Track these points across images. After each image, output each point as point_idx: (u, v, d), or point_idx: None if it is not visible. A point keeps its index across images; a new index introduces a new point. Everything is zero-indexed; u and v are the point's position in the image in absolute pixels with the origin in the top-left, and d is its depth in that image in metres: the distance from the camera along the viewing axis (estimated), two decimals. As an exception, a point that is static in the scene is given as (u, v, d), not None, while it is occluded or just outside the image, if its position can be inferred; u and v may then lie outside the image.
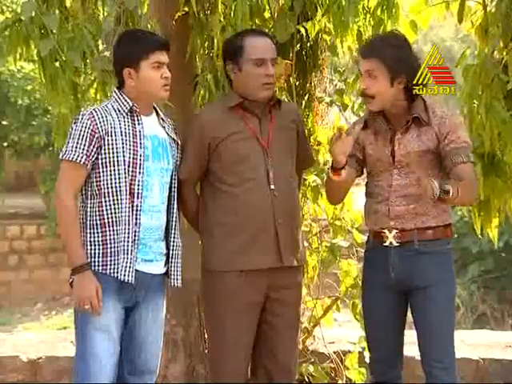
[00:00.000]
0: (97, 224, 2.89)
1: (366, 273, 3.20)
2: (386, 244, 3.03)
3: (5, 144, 12.14)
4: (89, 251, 2.89)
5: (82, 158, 2.86)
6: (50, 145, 11.10)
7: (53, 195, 11.34)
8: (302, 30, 3.70)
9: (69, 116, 3.71)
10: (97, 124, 2.88)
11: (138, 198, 2.89)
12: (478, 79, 3.45)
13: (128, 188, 2.88)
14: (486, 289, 10.48)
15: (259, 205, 3.04)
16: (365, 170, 3.20)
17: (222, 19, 3.53)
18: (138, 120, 2.95)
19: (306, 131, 4.08)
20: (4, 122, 11.90)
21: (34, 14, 3.45)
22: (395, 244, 3.02)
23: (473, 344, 4.67)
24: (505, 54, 3.46)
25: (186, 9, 3.63)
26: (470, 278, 10.52)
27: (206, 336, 4.05)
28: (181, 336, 3.92)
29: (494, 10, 3.48)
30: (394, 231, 3.01)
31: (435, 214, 3.01)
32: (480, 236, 3.74)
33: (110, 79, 3.65)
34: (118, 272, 2.86)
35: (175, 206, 3.06)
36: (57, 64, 3.53)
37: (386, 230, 3.04)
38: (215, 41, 3.62)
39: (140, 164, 2.90)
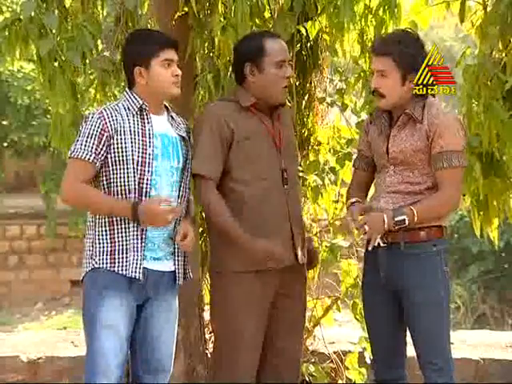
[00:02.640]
0: (105, 222, 2.91)
1: (364, 272, 3.22)
2: (375, 244, 3.03)
3: (5, 144, 12.13)
4: (98, 249, 2.91)
5: (90, 156, 2.88)
6: (50, 145, 11.08)
7: (53, 195, 11.36)
8: (302, 30, 3.71)
9: (66, 116, 3.71)
10: (106, 123, 2.89)
11: (146, 196, 2.90)
12: (477, 79, 3.45)
13: (137, 187, 2.90)
14: (486, 289, 10.47)
15: (276, 205, 3.06)
16: None
17: (222, 19, 3.53)
18: (147, 119, 2.97)
19: (306, 131, 4.10)
20: (4, 122, 11.88)
21: (33, 14, 3.45)
22: (382, 245, 3.02)
23: (473, 344, 4.67)
24: (504, 54, 3.46)
25: (186, 9, 3.63)
26: (471, 279, 10.51)
27: (205, 336, 4.06)
28: (181, 336, 3.91)
29: (493, 10, 3.48)
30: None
31: None
32: (479, 237, 3.74)
33: (110, 79, 3.65)
34: (126, 269, 2.88)
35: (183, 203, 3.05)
36: (56, 64, 3.53)
37: None
38: (215, 41, 3.63)
39: (149, 163, 2.91)
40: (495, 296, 10.44)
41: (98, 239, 2.92)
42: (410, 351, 3.10)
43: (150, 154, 2.92)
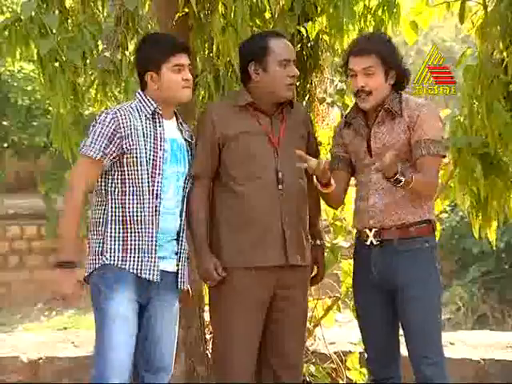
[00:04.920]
0: (119, 220, 2.93)
1: (355, 273, 3.24)
2: (368, 243, 3.07)
3: (5, 144, 12.13)
4: (109, 246, 2.93)
5: (98, 154, 2.90)
6: (50, 145, 11.09)
7: (53, 195, 11.36)
8: (303, 31, 3.71)
9: (67, 116, 3.71)
10: (120, 124, 2.92)
11: (156, 198, 2.94)
12: (478, 80, 3.45)
13: (150, 188, 2.93)
14: (487, 289, 10.46)
15: (265, 204, 3.08)
16: None
17: (222, 19, 3.53)
18: (159, 122, 3.00)
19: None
20: (4, 123, 11.88)
21: (33, 14, 3.45)
22: (375, 243, 3.05)
23: (473, 344, 4.66)
24: (505, 54, 3.46)
25: (186, 9, 3.63)
26: (471, 279, 10.50)
27: (206, 337, 4.06)
28: (181, 336, 3.91)
29: (494, 10, 3.48)
30: (374, 230, 3.05)
31: (411, 209, 3.04)
32: (478, 238, 3.75)
33: (110, 79, 3.65)
34: (140, 269, 2.91)
35: (185, 208, 3.08)
36: (56, 64, 3.53)
37: (366, 230, 3.08)
38: (215, 41, 3.62)
39: (159, 166, 2.95)
40: (496, 296, 10.44)
41: (110, 236, 2.93)
42: (405, 351, 3.11)
43: (160, 158, 2.95)
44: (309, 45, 3.90)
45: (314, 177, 3.04)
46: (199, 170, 3.13)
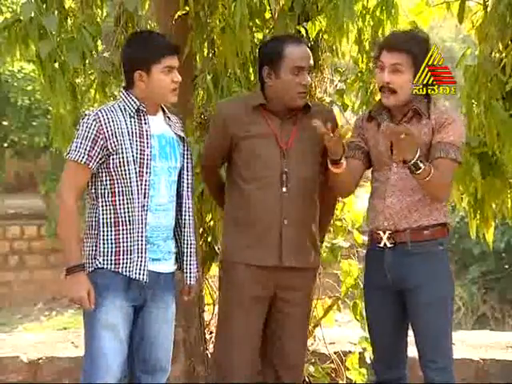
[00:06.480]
0: (110, 222, 2.91)
1: (366, 274, 3.21)
2: (381, 245, 3.04)
3: (5, 144, 12.14)
4: (102, 249, 2.91)
5: (83, 158, 2.88)
6: (50, 145, 11.10)
7: (53, 195, 11.36)
8: (302, 31, 3.70)
9: (67, 116, 3.71)
10: (102, 125, 2.89)
11: (144, 197, 2.91)
12: (477, 79, 3.45)
13: (139, 188, 2.91)
14: (487, 289, 10.46)
15: (267, 204, 3.09)
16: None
17: (221, 19, 3.53)
18: (144, 120, 2.96)
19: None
20: (4, 123, 11.89)
21: (33, 15, 3.45)
22: (389, 245, 3.03)
23: (473, 344, 4.66)
24: (503, 54, 3.46)
25: (186, 9, 3.63)
26: (471, 279, 10.50)
27: (206, 337, 4.06)
28: (181, 336, 3.92)
29: (492, 10, 3.48)
30: (388, 232, 3.02)
31: (427, 212, 3.00)
32: (476, 237, 3.75)
33: (110, 80, 3.65)
34: (130, 271, 2.89)
35: (189, 204, 3.07)
36: (56, 65, 3.53)
37: (380, 231, 3.05)
38: (215, 41, 3.63)
39: (147, 164, 2.92)
40: (496, 296, 10.44)
41: (103, 239, 2.92)
42: (411, 351, 3.10)
43: (147, 155, 2.92)
44: (309, 45, 3.90)
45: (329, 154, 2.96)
46: (204, 162, 3.32)
